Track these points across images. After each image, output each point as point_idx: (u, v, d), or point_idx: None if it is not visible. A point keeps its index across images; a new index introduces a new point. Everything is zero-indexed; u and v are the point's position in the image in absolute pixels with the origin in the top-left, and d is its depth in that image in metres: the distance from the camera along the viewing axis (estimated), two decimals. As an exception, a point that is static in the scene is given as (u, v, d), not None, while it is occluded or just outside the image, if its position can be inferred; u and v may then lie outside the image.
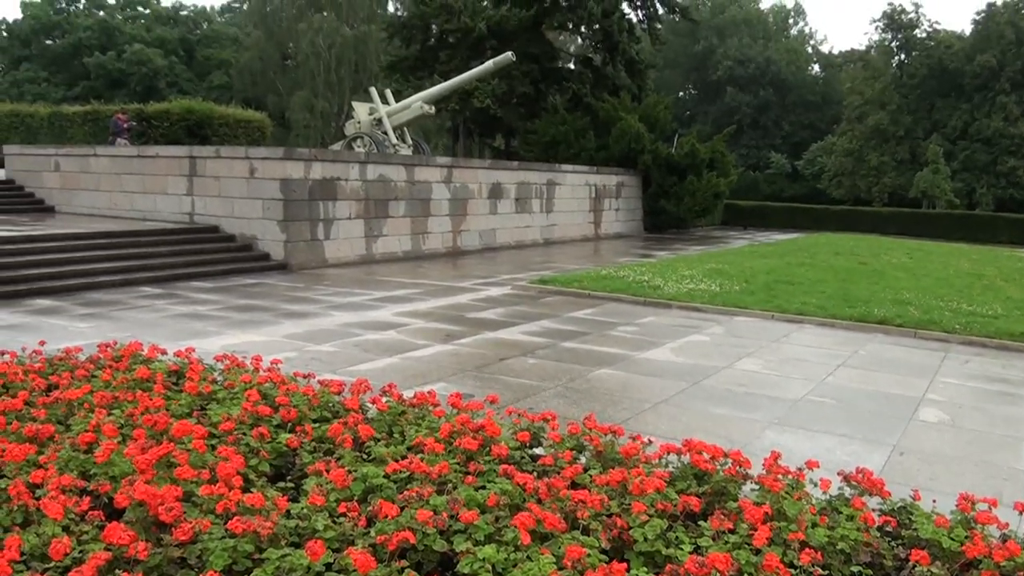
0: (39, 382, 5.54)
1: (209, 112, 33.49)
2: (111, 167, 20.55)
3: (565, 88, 35.59)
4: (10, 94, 62.29)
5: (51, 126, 36.97)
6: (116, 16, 74.67)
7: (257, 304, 12.41)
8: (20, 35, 72.29)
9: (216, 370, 6.05)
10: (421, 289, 14.58)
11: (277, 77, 67.24)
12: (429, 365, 8.61)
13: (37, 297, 12.56)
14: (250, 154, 17.76)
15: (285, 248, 16.98)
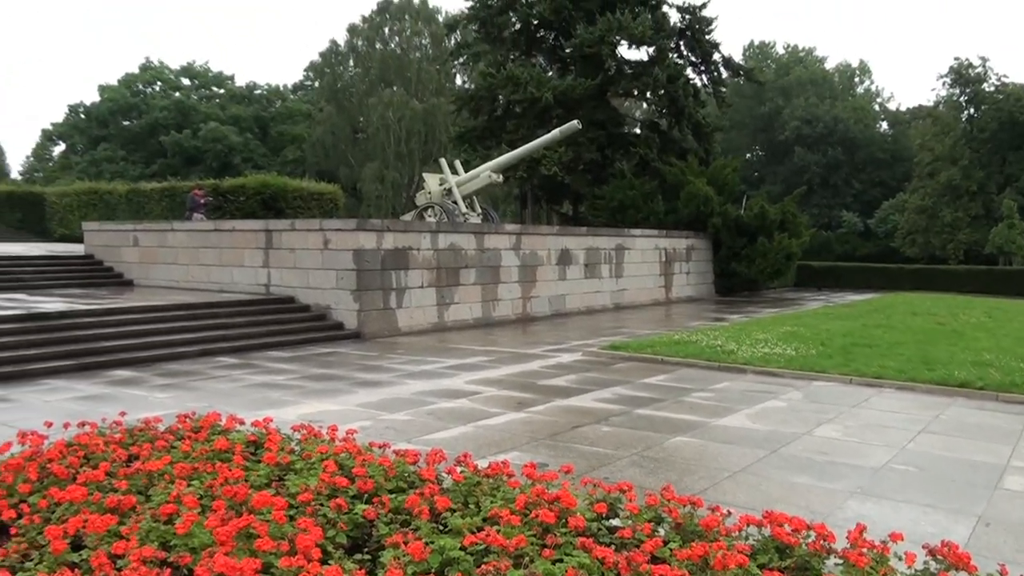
0: (120, 453, 5.66)
1: (283, 186, 34.29)
2: (189, 241, 21.14)
3: (632, 153, 35.74)
4: (89, 173, 64.68)
5: (129, 203, 38.18)
6: (192, 96, 77.35)
7: (332, 373, 12.56)
8: (98, 117, 75.21)
9: (293, 440, 6.11)
10: (492, 356, 14.62)
11: (349, 150, 68.80)
12: (502, 434, 8.60)
13: (117, 368, 12.91)
14: (324, 226, 18.14)
15: (358, 317, 17.22)
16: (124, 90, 76.41)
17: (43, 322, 14.35)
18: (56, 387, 11.43)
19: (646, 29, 32.80)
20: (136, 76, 78.89)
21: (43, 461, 5.47)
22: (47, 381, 11.86)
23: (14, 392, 11.02)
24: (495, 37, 38.16)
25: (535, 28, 37.45)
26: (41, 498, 4.78)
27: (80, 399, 10.49)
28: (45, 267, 22.78)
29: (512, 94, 34.40)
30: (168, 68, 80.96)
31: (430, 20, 70.53)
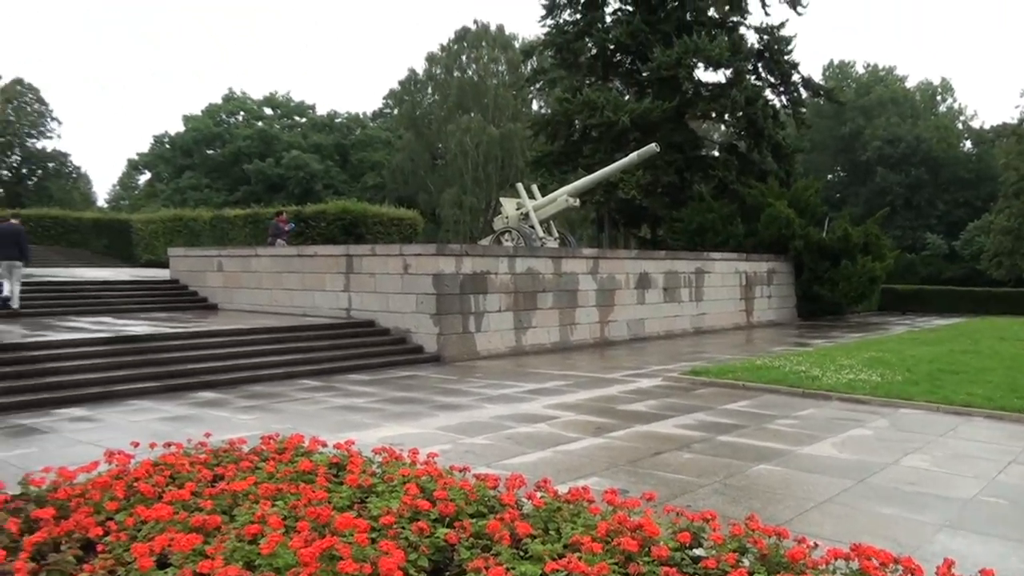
0: (205, 473, 5.75)
1: (363, 211, 34.79)
2: (271, 266, 21.53)
3: (711, 176, 35.45)
4: (174, 200, 66.52)
5: (213, 229, 39.10)
6: (274, 126, 79.18)
7: (412, 396, 12.64)
8: (183, 146, 77.45)
9: (375, 462, 6.15)
10: (571, 381, 14.56)
11: (427, 176, 69.61)
12: (582, 459, 8.54)
13: (202, 390, 13.18)
14: (404, 251, 18.33)
15: (438, 341, 17.32)
16: (208, 120, 78.57)
17: (130, 344, 14.74)
18: (142, 408, 11.70)
19: (723, 51, 32.57)
20: (220, 107, 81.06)
21: (130, 480, 5.59)
22: (134, 402, 12.16)
23: (101, 412, 11.31)
24: (571, 63, 38.27)
25: (611, 53, 37.47)
26: (128, 516, 4.88)
27: (166, 420, 10.71)
28: (131, 291, 23.42)
29: (589, 118, 34.40)
30: (251, 98, 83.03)
31: (507, 47, 71.16)
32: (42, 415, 11.12)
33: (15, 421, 10.73)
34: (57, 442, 9.48)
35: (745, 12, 36.37)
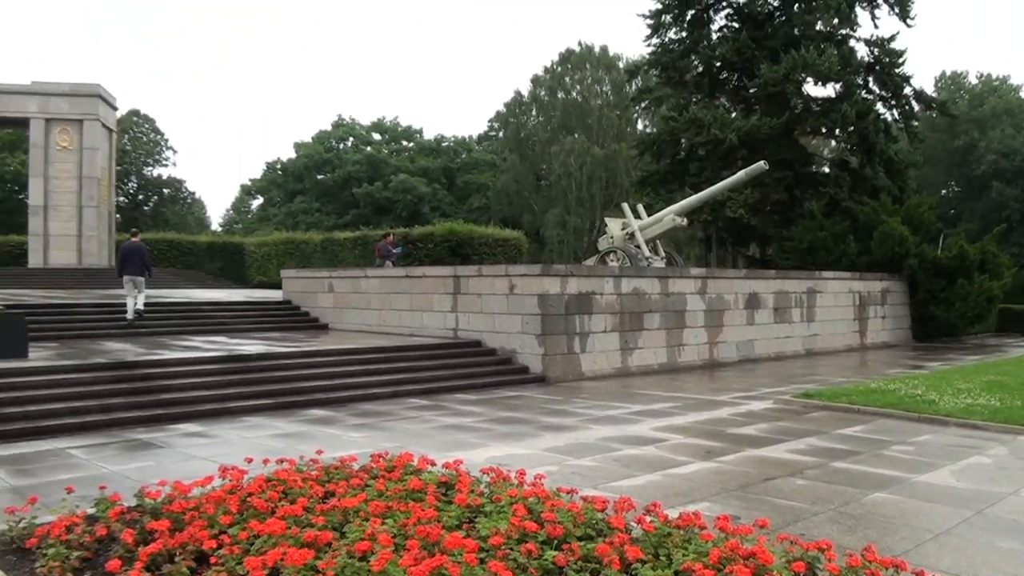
0: (317, 489, 5.85)
1: (470, 232, 35.16)
2: (380, 287, 21.87)
3: (821, 193, 34.67)
4: (285, 224, 68.42)
5: (323, 251, 40.01)
6: (382, 151, 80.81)
7: (518, 416, 12.64)
8: (294, 172, 79.79)
9: (483, 482, 6.16)
10: (679, 403, 14.35)
11: (532, 197, 69.91)
12: (691, 483, 8.39)
13: (313, 407, 13.41)
14: (510, 271, 18.41)
15: (543, 361, 17.31)
16: (318, 146, 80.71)
17: (243, 363, 15.14)
18: (255, 424, 11.97)
19: (832, 65, 31.85)
20: (329, 133, 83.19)
21: (243, 495, 5.72)
22: (247, 418, 12.45)
23: (215, 428, 11.62)
24: (677, 81, 38.02)
25: (718, 70, 37.09)
26: (241, 530, 4.99)
27: (278, 436, 10.93)
28: (245, 312, 24.06)
29: (695, 136, 34.07)
30: (359, 124, 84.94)
31: (611, 67, 71.10)
32: (158, 430, 11.48)
33: (132, 435, 11.10)
34: (172, 456, 9.77)
35: (854, 25, 35.53)
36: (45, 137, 41.82)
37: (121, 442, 10.67)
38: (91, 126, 42.22)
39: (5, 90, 41.77)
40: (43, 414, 11.76)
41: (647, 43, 39.45)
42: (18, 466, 9.30)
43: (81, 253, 41.98)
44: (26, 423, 11.39)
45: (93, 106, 42.33)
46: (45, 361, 14.33)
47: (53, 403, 12.20)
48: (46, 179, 41.87)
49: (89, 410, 12.12)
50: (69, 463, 9.46)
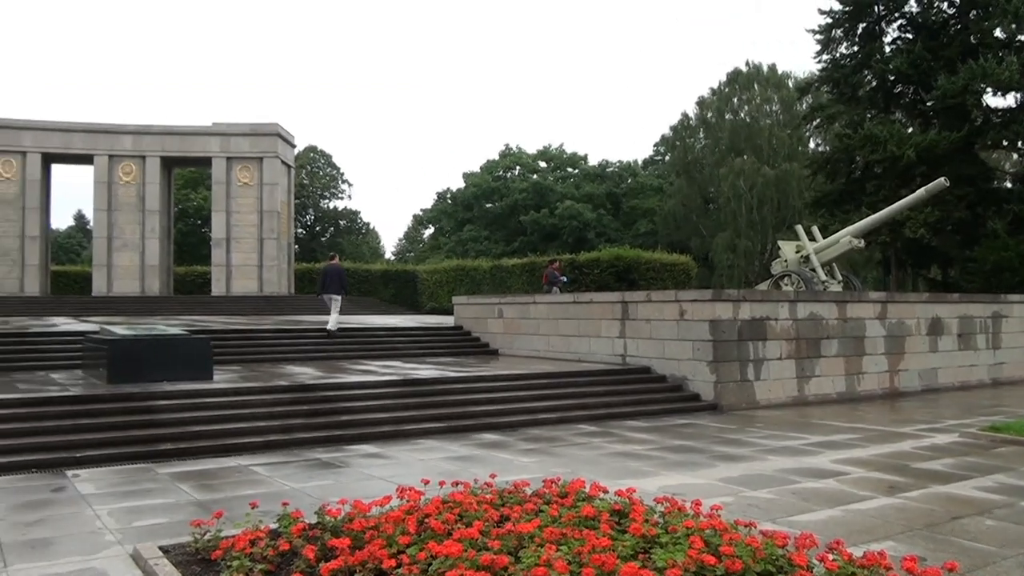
0: (492, 513, 5.89)
1: (636, 258, 34.98)
2: (549, 313, 21.97)
3: (1005, 210, 32.82)
4: (456, 251, 70.05)
5: (492, 277, 40.61)
6: (548, 178, 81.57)
7: (690, 445, 12.39)
8: (463, 201, 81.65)
9: (657, 512, 6.05)
10: (859, 434, 13.74)
11: (700, 220, 69.02)
12: (874, 520, 7.98)
13: (484, 431, 13.53)
14: (679, 297, 18.15)
15: (715, 389, 16.95)
16: (486, 176, 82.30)
17: (418, 387, 15.47)
18: (429, 447, 12.17)
19: (1013, 74, 30.18)
20: (497, 162, 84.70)
21: (421, 516, 5.83)
22: (421, 441, 12.68)
23: (391, 450, 11.87)
24: (849, 96, 36.93)
25: (892, 84, 35.83)
26: (419, 550, 5.08)
27: (451, 459, 11.08)
28: (418, 337, 24.62)
29: (870, 154, 32.92)
30: (525, 153, 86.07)
31: (780, 85, 69.65)
32: (336, 450, 11.83)
33: (312, 455, 11.48)
34: (350, 476, 10.03)
35: (1034, 30, 33.62)
36: (227, 174, 44.39)
37: (301, 461, 11.05)
38: (270, 163, 44.48)
39: (189, 131, 44.65)
40: (227, 433, 12.34)
41: (817, 59, 38.57)
42: (203, 481, 9.77)
43: (262, 282, 44.15)
44: (211, 441, 11.97)
45: (272, 144, 44.61)
46: (229, 383, 15.06)
47: (237, 423, 12.79)
48: (228, 213, 44.37)
49: (271, 430, 12.64)
50: (252, 479, 9.87)
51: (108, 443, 11.58)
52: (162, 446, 11.63)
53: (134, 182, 44.06)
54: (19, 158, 42.83)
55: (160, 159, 44.41)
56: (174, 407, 13.07)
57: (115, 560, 6.63)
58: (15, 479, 10.04)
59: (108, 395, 13.44)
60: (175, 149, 44.81)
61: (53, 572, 6.39)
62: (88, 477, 10.08)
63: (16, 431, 11.75)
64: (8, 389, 14.30)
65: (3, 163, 42.63)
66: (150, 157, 44.13)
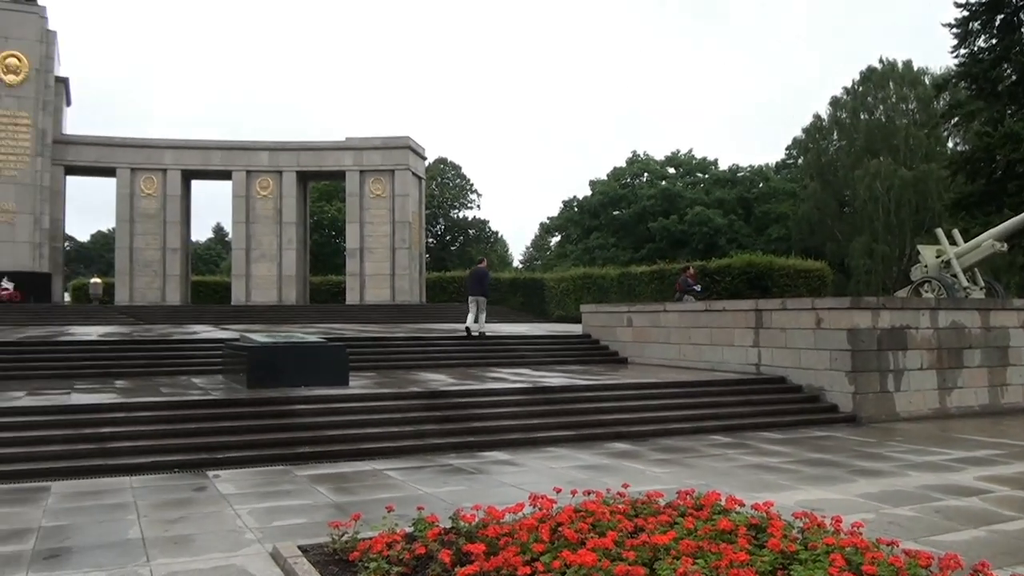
0: (625, 524, 5.86)
1: (769, 264, 34.25)
2: (680, 321, 21.70)
3: None
4: (583, 259, 70.01)
5: (620, 285, 40.39)
6: (677, 184, 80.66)
7: (827, 459, 12.03)
8: (590, 209, 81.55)
9: (795, 527, 5.92)
10: (1003, 450, 13.08)
11: (834, 224, 67.11)
12: (1020, 542, 7.59)
13: (614, 440, 13.44)
14: (815, 304, 17.67)
15: (853, 400, 16.42)
16: (613, 183, 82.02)
17: (547, 395, 15.50)
18: (559, 455, 12.18)
19: None
20: (624, 169, 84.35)
21: (554, 524, 5.85)
22: (550, 449, 12.70)
23: (522, 457, 11.94)
24: (989, 92, 35.36)
25: (1033, 77, 34.10)
26: (553, 559, 5.11)
27: (581, 468, 11.06)
28: (546, 345, 24.70)
29: (1012, 153, 31.49)
30: (653, 159, 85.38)
31: (915, 83, 67.11)
32: (468, 457, 11.96)
33: (444, 460, 11.64)
34: (483, 482, 10.14)
35: None
36: (360, 187, 45.68)
37: (434, 466, 11.22)
38: (401, 175, 45.54)
39: (324, 147, 46.19)
40: (362, 437, 12.64)
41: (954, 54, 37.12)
42: (339, 484, 10.04)
43: (394, 291, 45.15)
44: (347, 445, 12.29)
45: (403, 157, 45.66)
46: (364, 389, 15.44)
47: (371, 427, 13.09)
48: (361, 224, 45.61)
49: (404, 435, 12.89)
50: (386, 483, 10.08)
51: (248, 445, 12.03)
52: (300, 449, 12.00)
53: (271, 196, 45.72)
54: (160, 175, 45.18)
55: (296, 173, 46.03)
56: (311, 411, 13.47)
57: (255, 558, 6.87)
58: (159, 478, 10.54)
59: (248, 399, 13.97)
60: (310, 164, 46.41)
61: (195, 568, 6.67)
62: (229, 477, 10.48)
63: (160, 432, 12.35)
64: (152, 392, 15.05)
65: (145, 180, 45.01)
66: (286, 172, 45.81)
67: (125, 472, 10.74)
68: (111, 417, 12.80)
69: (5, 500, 9.24)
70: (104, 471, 10.76)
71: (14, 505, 8.99)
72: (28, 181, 41.92)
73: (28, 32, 42.43)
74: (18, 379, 17.73)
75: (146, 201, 44.96)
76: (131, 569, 6.63)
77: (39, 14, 43.07)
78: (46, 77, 42.83)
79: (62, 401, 13.84)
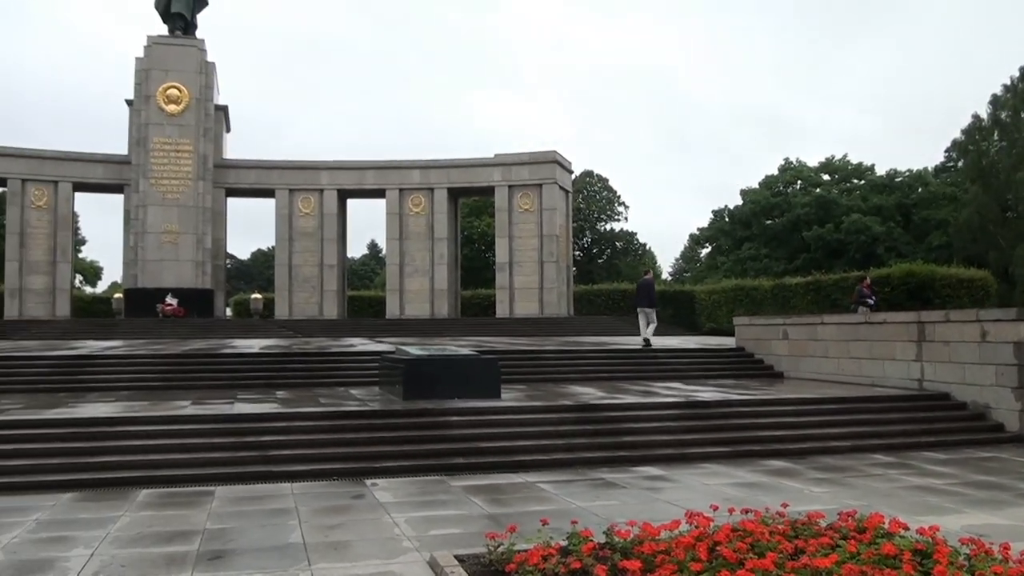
0: (785, 545, 5.77)
1: (930, 274, 32.98)
2: (838, 334, 21.06)
3: None
4: (734, 271, 68.70)
5: (774, 297, 39.55)
6: (832, 191, 78.21)
7: (993, 481, 11.45)
8: (741, 219, 79.91)
9: (962, 554, 5.70)
10: None
11: (997, 231, 63.62)
12: None
13: (770, 458, 13.16)
14: (980, 316, 16.85)
15: (1020, 419, 15.57)
16: (765, 192, 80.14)
17: (700, 409, 15.34)
18: (713, 471, 12.02)
19: None
20: (776, 177, 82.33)
21: (711, 543, 5.82)
22: (704, 465, 12.55)
23: (675, 473, 11.84)
24: None
25: None
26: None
27: (737, 485, 10.90)
28: (698, 358, 24.39)
29: None
30: (807, 166, 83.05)
31: (1083, 76, 62.93)
32: (620, 471, 11.94)
33: (596, 475, 11.67)
34: (635, 497, 10.11)
35: None
36: (508, 202, 46.38)
37: (586, 480, 11.27)
38: (549, 189, 45.98)
39: (473, 163, 47.20)
40: (514, 449, 12.82)
41: None
42: (493, 495, 10.20)
43: (542, 304, 45.51)
44: (500, 457, 12.49)
45: (550, 171, 46.11)
46: (516, 401, 15.66)
47: (523, 440, 13.25)
48: (510, 239, 46.24)
49: (555, 448, 13.00)
50: (539, 496, 10.18)
51: (404, 455, 12.38)
52: (454, 460, 12.27)
53: (423, 213, 46.85)
54: (317, 195, 47.08)
55: (447, 190, 47.07)
56: (465, 423, 13.76)
57: (412, 566, 7.08)
58: (318, 485, 10.97)
59: (404, 410, 14.34)
60: (460, 181, 47.41)
61: (354, 573, 6.94)
62: (386, 486, 10.80)
63: (319, 441, 12.88)
64: (311, 403, 15.66)
65: (303, 200, 46.97)
66: (437, 189, 46.89)
67: (286, 479, 11.23)
68: (272, 426, 13.46)
69: (172, 503, 9.82)
70: (265, 477, 11.30)
71: (180, 508, 9.53)
72: (191, 203, 44.34)
73: (188, 64, 44.97)
74: (184, 389, 18.80)
75: (304, 220, 46.82)
76: (292, 572, 6.94)
77: (198, 47, 45.59)
78: (206, 106, 45.22)
79: (226, 410, 14.63)
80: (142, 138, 44.11)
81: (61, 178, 44.26)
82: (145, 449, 12.21)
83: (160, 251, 43.80)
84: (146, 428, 13.13)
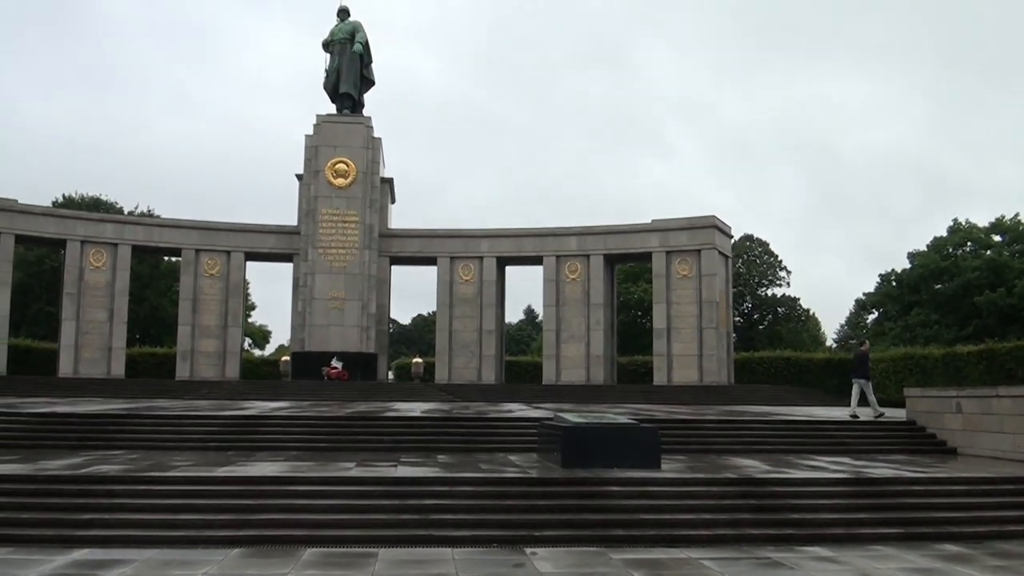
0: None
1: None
2: (1013, 408, 19.81)
3: None
4: (902, 338, 65.84)
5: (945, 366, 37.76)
6: (1003, 253, 74.19)
7: None
8: (909, 283, 76.48)
9: None
10: None
11: None
12: None
13: (944, 541, 12.45)
14: None
15: None
16: (934, 255, 76.70)
17: (871, 487, 14.70)
18: (884, 554, 11.48)
19: None
20: (945, 240, 78.76)
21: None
22: (874, 547, 11.98)
23: (844, 554, 11.35)
24: None
25: None
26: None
27: (909, 570, 10.39)
28: (867, 432, 23.31)
29: None
30: (976, 226, 79.25)
31: None
32: (786, 550, 11.55)
33: (761, 553, 11.33)
34: (805, 580, 9.74)
35: None
36: (666, 267, 46.17)
37: (751, 559, 10.95)
38: (708, 254, 45.50)
39: (629, 229, 47.42)
40: (675, 523, 12.60)
41: None
42: (654, 571, 10.08)
43: (701, 371, 44.77)
44: (660, 530, 12.30)
45: (709, 236, 45.68)
46: (676, 473, 15.37)
47: (684, 513, 13.03)
48: (668, 304, 45.92)
49: (718, 523, 12.69)
50: (702, 574, 9.96)
51: (563, 524, 12.34)
52: (613, 531, 12.15)
53: (579, 279, 47.10)
54: (477, 263, 48.19)
55: (603, 256, 47.21)
56: (624, 494, 13.61)
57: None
58: (478, 551, 11.08)
59: (563, 479, 14.32)
60: (616, 247, 47.51)
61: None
62: (545, 556, 10.79)
63: (480, 507, 13.00)
64: (472, 468, 15.81)
65: (463, 267, 48.13)
66: (593, 255, 47.11)
67: (446, 544, 11.37)
68: (434, 490, 13.68)
69: (336, 563, 10.06)
70: (426, 541, 11.48)
71: (344, 568, 9.77)
72: (356, 271, 46.10)
73: (355, 141, 47.22)
74: (348, 450, 19.29)
75: (464, 287, 47.88)
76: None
77: (365, 124, 47.79)
78: (372, 179, 47.24)
79: (389, 473, 14.94)
80: (311, 210, 46.36)
81: (234, 248, 47.15)
82: (310, 508, 12.61)
83: (327, 316, 45.59)
84: (312, 488, 13.58)
